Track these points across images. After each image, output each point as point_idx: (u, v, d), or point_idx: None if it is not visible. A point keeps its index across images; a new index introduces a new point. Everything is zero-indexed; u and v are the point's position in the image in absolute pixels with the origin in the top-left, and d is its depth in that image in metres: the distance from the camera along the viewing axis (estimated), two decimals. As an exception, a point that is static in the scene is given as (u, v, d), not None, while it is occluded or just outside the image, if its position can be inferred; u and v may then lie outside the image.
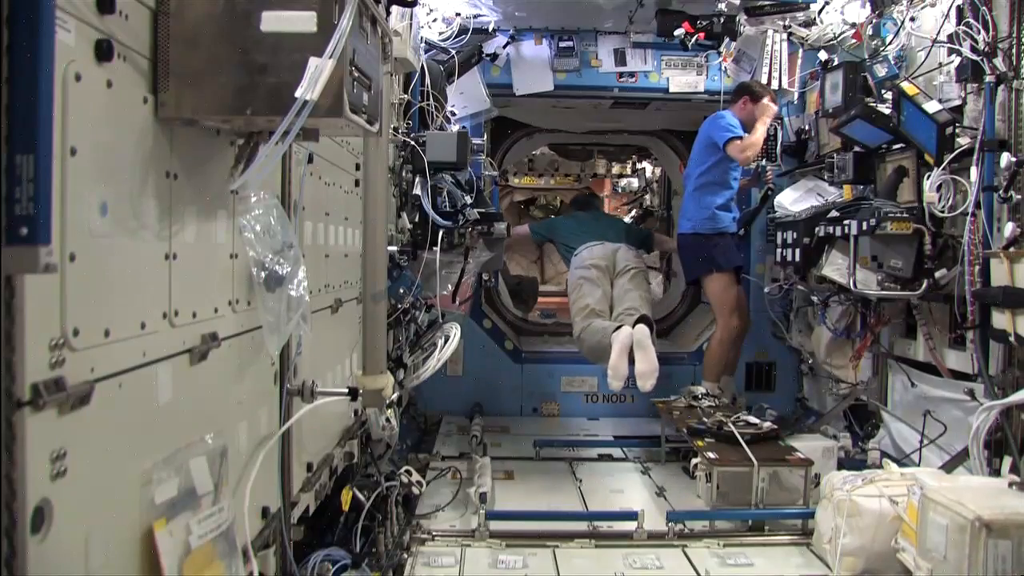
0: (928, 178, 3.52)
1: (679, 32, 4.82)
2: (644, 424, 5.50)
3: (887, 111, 3.82)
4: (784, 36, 4.89)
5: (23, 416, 1.11)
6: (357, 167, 3.28)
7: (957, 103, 3.51)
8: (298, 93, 1.48)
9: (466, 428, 5.17)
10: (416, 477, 3.70)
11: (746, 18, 4.73)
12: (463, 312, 4.88)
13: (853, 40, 4.53)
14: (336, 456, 2.97)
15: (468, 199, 4.27)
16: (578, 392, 5.83)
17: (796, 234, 4.45)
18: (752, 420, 4.32)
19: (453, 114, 4.90)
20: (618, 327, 4.68)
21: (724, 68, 5.29)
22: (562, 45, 5.41)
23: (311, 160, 2.53)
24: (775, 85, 4.95)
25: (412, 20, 3.73)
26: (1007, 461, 3.03)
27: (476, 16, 5.01)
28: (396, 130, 3.87)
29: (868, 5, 4.33)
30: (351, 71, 1.60)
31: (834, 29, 4.70)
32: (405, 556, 3.26)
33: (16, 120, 1.04)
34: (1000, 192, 3.15)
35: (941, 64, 3.73)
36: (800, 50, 5.01)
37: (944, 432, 3.74)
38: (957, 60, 3.47)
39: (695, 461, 4.05)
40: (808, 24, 4.83)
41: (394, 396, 3.09)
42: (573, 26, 5.41)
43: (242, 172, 1.75)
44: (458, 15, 4.89)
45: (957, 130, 3.47)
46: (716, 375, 5.05)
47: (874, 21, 4.24)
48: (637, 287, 5.27)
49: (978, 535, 2.44)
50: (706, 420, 4.32)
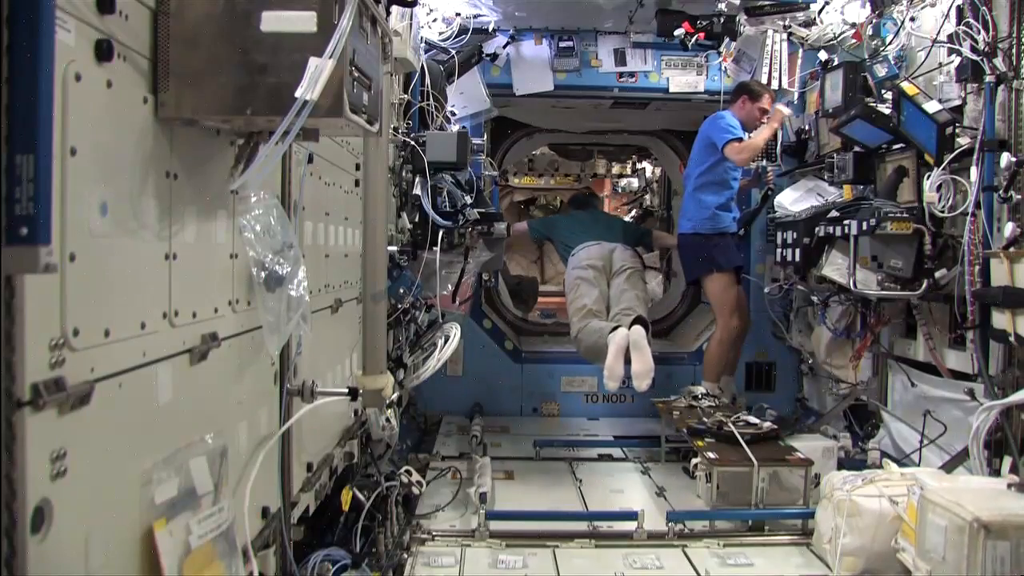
0: (928, 178, 3.52)
1: (679, 32, 4.82)
2: (644, 424, 5.50)
3: (887, 111, 3.82)
4: (784, 36, 4.89)
5: (23, 416, 1.11)
6: (357, 167, 3.28)
7: (957, 103, 3.51)
8: (298, 93, 1.48)
9: (466, 428, 5.17)
10: (416, 477, 3.70)
11: (746, 18, 4.73)
12: (463, 312, 4.88)
13: (853, 40, 4.53)
14: (336, 456, 2.97)
15: (468, 199, 4.27)
16: (578, 392, 5.84)
17: (796, 234, 4.45)
18: (752, 420, 4.32)
19: (453, 114, 4.91)
20: (615, 328, 4.69)
21: (724, 68, 5.29)
22: (562, 45, 5.42)
23: (311, 160, 2.53)
24: (775, 85, 4.95)
25: (412, 20, 3.73)
26: (1007, 461, 3.03)
27: (476, 16, 5.02)
28: (396, 130, 3.87)
29: (868, 5, 4.33)
30: (351, 71, 1.60)
31: (834, 29, 4.70)
32: (405, 556, 3.26)
33: (16, 120, 1.04)
34: (1000, 192, 3.15)
35: (941, 64, 3.73)
36: (800, 50, 5.01)
37: (944, 432, 3.74)
38: (957, 60, 3.47)
39: (695, 461, 4.05)
40: (808, 24, 4.83)
41: (394, 396, 3.09)
42: (573, 26, 5.41)
43: (242, 172, 1.76)
44: (458, 15, 4.89)
45: (957, 130, 3.47)
46: (716, 375, 5.05)
47: (874, 21, 4.24)
48: (633, 287, 5.28)
49: (976, 536, 2.45)
50: (706, 420, 4.32)
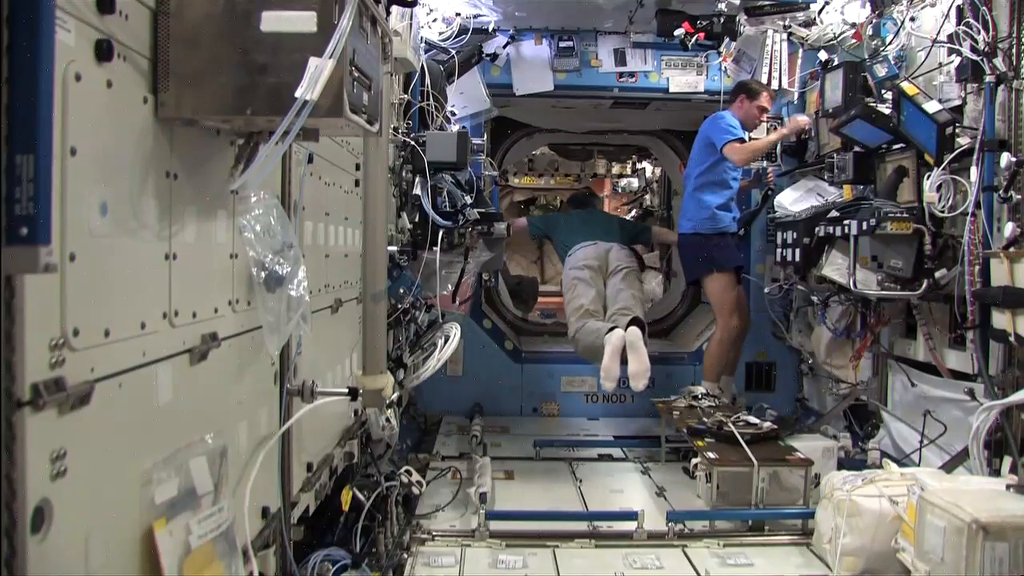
0: (928, 178, 3.52)
1: (679, 32, 4.82)
2: (644, 424, 5.50)
3: (887, 111, 3.82)
4: (784, 36, 4.89)
5: (23, 416, 1.11)
6: (357, 167, 3.28)
7: (957, 103, 3.51)
8: (298, 93, 1.48)
9: (466, 428, 5.17)
10: (416, 477, 3.70)
11: (746, 18, 4.73)
12: (463, 312, 4.88)
13: (853, 40, 4.53)
14: (336, 456, 2.97)
15: (468, 199, 4.27)
16: (578, 392, 5.84)
17: (796, 234, 4.45)
18: (752, 420, 4.32)
19: (453, 114, 4.91)
20: (611, 328, 4.73)
21: (724, 68, 5.29)
22: (562, 45, 5.42)
23: (311, 160, 2.53)
24: (775, 85, 4.95)
25: (412, 20, 3.73)
26: (1007, 461, 3.03)
27: (476, 16, 5.01)
28: (396, 130, 3.87)
29: (868, 5, 4.33)
30: (351, 71, 1.60)
31: (834, 29, 4.70)
32: (405, 556, 3.25)
33: (16, 120, 1.04)
34: (1000, 192, 3.15)
35: (941, 64, 3.73)
36: (800, 50, 5.01)
37: (944, 432, 3.74)
38: (957, 60, 3.47)
39: (695, 461, 4.05)
40: (808, 24, 4.83)
41: (394, 396, 3.09)
42: (573, 26, 5.41)
43: (242, 172, 1.75)
44: (458, 15, 4.89)
45: (957, 130, 3.47)
46: (716, 375, 5.05)
47: (874, 21, 4.24)
48: (629, 286, 5.33)
49: (975, 537, 2.45)
50: (706, 420, 4.32)
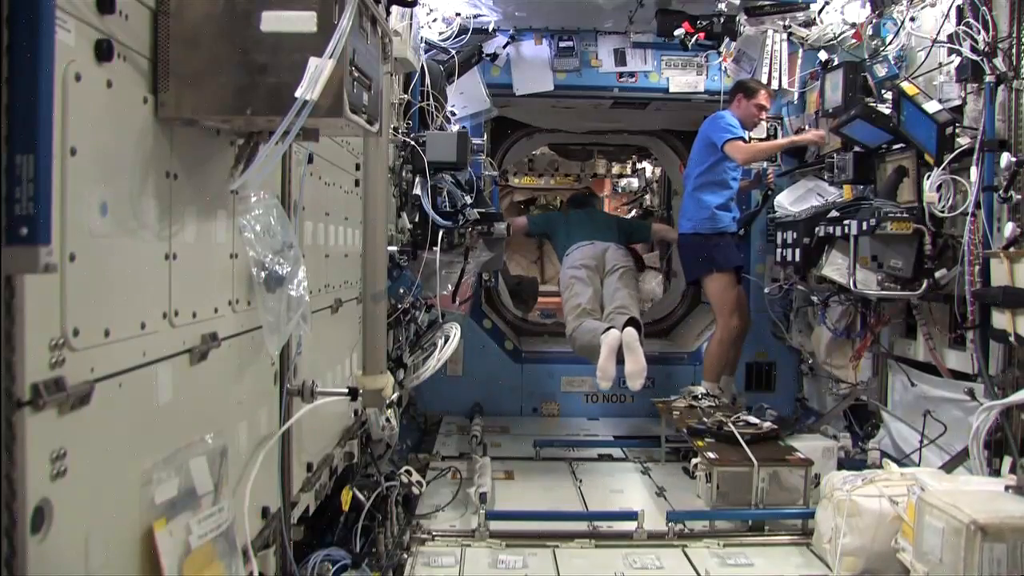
0: (928, 178, 3.52)
1: (679, 32, 4.82)
2: (644, 424, 5.50)
3: (887, 111, 3.82)
4: (784, 36, 4.89)
5: (23, 416, 1.11)
6: (357, 167, 3.28)
7: (957, 103, 3.51)
8: (298, 93, 1.48)
9: (466, 428, 5.17)
10: (416, 477, 3.70)
11: (746, 18, 4.73)
12: (463, 312, 4.88)
13: (853, 40, 4.53)
14: (336, 456, 2.97)
15: (468, 199, 4.27)
16: (578, 392, 5.84)
17: (796, 234, 4.45)
18: (752, 420, 4.32)
19: (453, 114, 4.91)
20: (607, 328, 4.76)
21: (724, 68, 5.28)
22: (562, 45, 5.42)
23: (311, 160, 2.53)
24: (775, 85, 4.95)
25: (412, 20, 3.73)
26: (1007, 461, 3.03)
27: (476, 16, 5.01)
28: (396, 130, 3.87)
29: (868, 5, 4.33)
30: (351, 71, 1.60)
31: (834, 29, 4.70)
32: (405, 556, 3.25)
33: (16, 120, 1.04)
34: (1000, 192, 3.15)
35: (941, 64, 3.73)
36: (800, 50, 5.01)
37: (944, 432, 3.74)
38: (957, 60, 3.47)
39: (695, 461, 4.05)
40: (808, 24, 4.83)
41: (394, 396, 3.09)
42: (573, 26, 5.41)
43: (242, 172, 1.75)
44: (458, 15, 4.89)
45: (957, 130, 3.47)
46: (716, 375, 5.05)
47: (874, 21, 4.24)
48: (626, 285, 5.39)
49: (973, 538, 2.45)
50: (706, 420, 4.32)
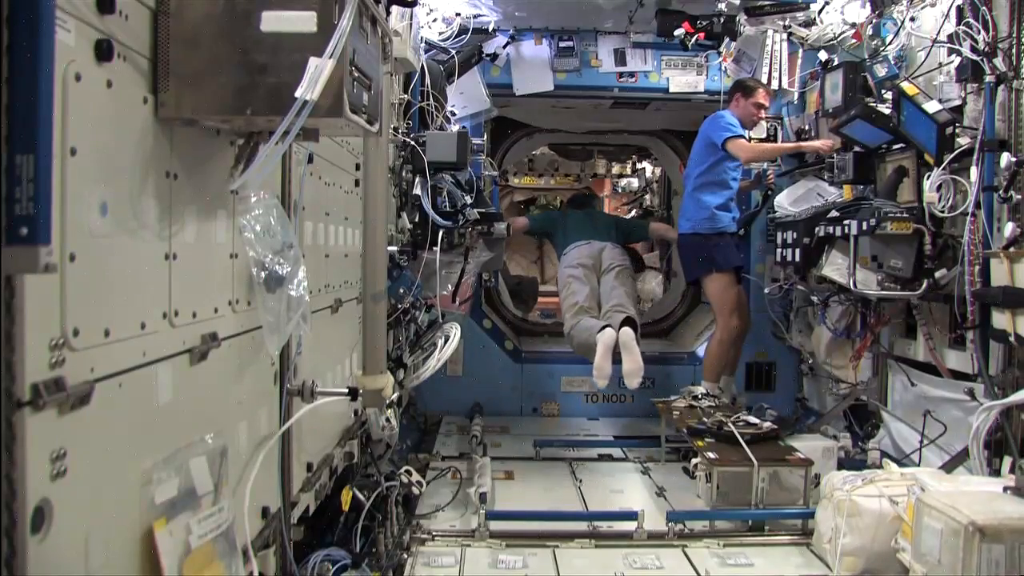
0: (928, 178, 3.52)
1: (679, 32, 4.82)
2: (644, 424, 5.50)
3: (887, 111, 3.82)
4: (784, 36, 4.89)
5: (23, 416, 1.11)
6: (357, 167, 3.28)
7: (957, 103, 3.51)
8: (298, 93, 1.48)
9: (466, 428, 5.17)
10: (416, 477, 3.70)
11: (746, 18, 4.73)
12: (463, 312, 4.89)
13: (853, 40, 4.53)
14: (336, 456, 2.97)
15: (468, 199, 4.27)
16: (578, 392, 5.84)
17: (796, 234, 4.45)
18: (752, 420, 4.32)
19: (453, 114, 4.91)
20: (603, 327, 4.82)
21: (724, 68, 5.28)
22: (562, 45, 5.42)
23: (311, 160, 2.53)
24: (775, 85, 4.95)
25: (412, 20, 3.73)
26: (1007, 461, 3.03)
27: (476, 16, 5.01)
28: (396, 130, 3.87)
29: (868, 5, 4.33)
30: (351, 71, 1.60)
31: (834, 29, 4.70)
32: (405, 556, 3.25)
33: (16, 120, 1.04)
34: (1000, 192, 3.15)
35: (941, 64, 3.73)
36: (800, 50, 5.00)
37: (944, 432, 3.74)
38: (957, 60, 3.47)
39: (695, 461, 4.05)
40: (808, 24, 4.83)
41: (394, 396, 3.09)
42: (573, 26, 5.41)
43: (242, 172, 1.75)
44: (458, 15, 4.89)
45: (957, 130, 3.47)
46: (716, 375, 5.05)
47: (874, 21, 4.24)
48: (622, 283, 5.50)
49: (971, 539, 2.45)
50: (706, 420, 4.32)
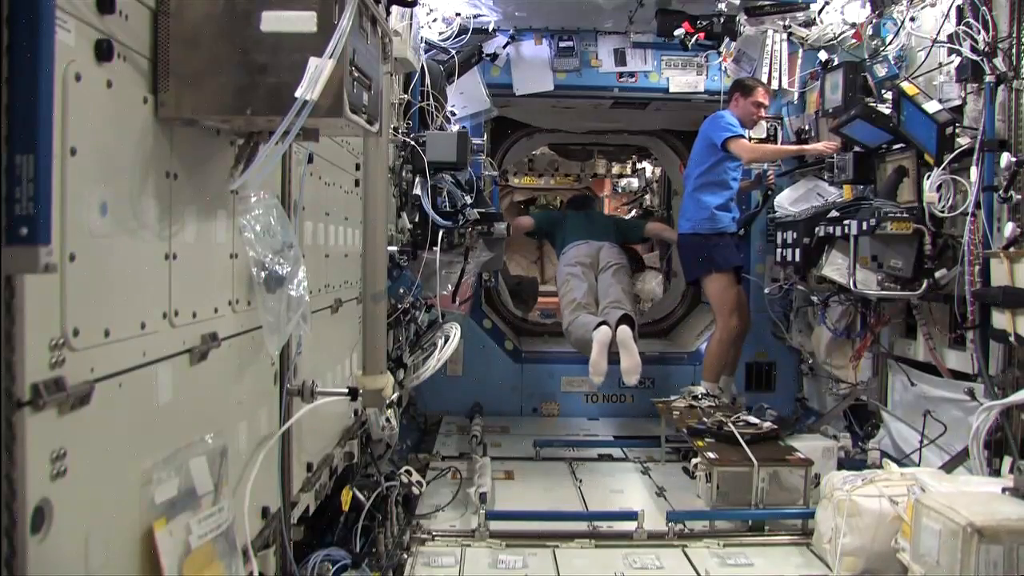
0: (928, 178, 3.52)
1: (679, 32, 4.82)
2: (644, 424, 5.50)
3: (887, 111, 3.82)
4: (784, 36, 4.89)
5: (23, 416, 1.11)
6: (357, 167, 3.28)
7: (957, 103, 3.51)
8: (298, 93, 1.48)
9: (466, 428, 5.17)
10: (416, 477, 3.70)
11: (746, 18, 4.73)
12: (463, 312, 4.89)
13: (853, 40, 4.53)
14: (336, 456, 2.97)
15: (468, 199, 4.27)
16: (578, 392, 5.84)
17: (796, 234, 4.45)
18: (752, 420, 4.32)
19: (453, 114, 4.91)
20: (600, 324, 4.86)
21: (724, 68, 5.28)
22: (562, 45, 5.42)
23: (311, 160, 2.53)
24: (775, 85, 4.95)
25: (412, 20, 3.73)
26: (1007, 461, 3.03)
27: (476, 16, 5.01)
28: (396, 130, 3.87)
29: (868, 5, 4.33)
30: (351, 71, 1.60)
31: (834, 29, 4.70)
32: (405, 556, 3.25)
33: (16, 120, 1.04)
34: (1000, 192, 3.15)
35: (941, 64, 3.73)
36: (800, 50, 5.01)
37: (944, 432, 3.74)
38: (957, 60, 3.47)
39: (695, 461, 4.05)
40: (808, 24, 4.83)
41: (394, 396, 3.09)
42: (573, 26, 5.41)
43: (242, 172, 1.75)
44: (458, 15, 4.89)
45: (957, 130, 3.47)
46: (716, 375, 5.05)
47: (874, 21, 4.24)
48: (619, 281, 5.61)
49: (970, 540, 2.45)
50: (706, 420, 4.32)
